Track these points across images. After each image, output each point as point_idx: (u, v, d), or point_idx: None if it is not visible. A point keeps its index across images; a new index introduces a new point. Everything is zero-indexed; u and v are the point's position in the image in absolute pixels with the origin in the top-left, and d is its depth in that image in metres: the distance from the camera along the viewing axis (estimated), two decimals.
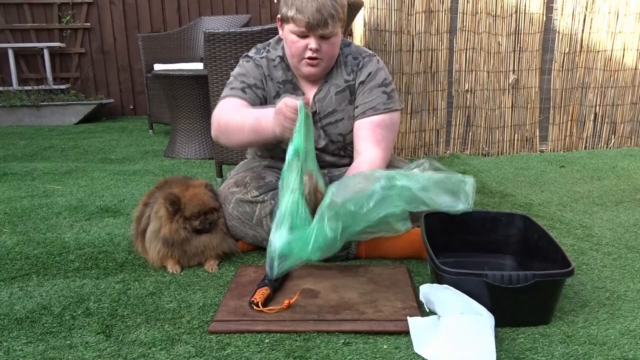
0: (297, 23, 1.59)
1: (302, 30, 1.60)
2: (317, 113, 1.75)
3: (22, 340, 1.22)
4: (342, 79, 1.76)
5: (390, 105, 1.73)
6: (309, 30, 1.60)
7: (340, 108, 1.76)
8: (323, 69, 1.71)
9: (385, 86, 1.75)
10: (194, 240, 1.62)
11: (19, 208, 2.24)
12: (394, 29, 3.15)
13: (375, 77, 1.75)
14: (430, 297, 1.30)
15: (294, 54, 1.67)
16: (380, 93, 1.73)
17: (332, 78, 1.76)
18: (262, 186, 1.70)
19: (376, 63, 1.77)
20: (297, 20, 1.59)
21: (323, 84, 1.76)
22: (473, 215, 1.67)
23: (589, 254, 1.73)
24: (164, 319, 1.31)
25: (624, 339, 1.21)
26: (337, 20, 1.60)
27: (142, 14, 5.55)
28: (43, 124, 4.92)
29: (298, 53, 1.65)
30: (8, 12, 5.34)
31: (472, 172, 2.91)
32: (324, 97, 1.76)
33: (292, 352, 1.15)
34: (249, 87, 1.74)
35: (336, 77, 1.76)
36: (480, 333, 1.12)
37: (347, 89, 1.76)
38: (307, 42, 1.63)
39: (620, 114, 3.54)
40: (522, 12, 3.28)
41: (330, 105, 1.76)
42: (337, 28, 1.63)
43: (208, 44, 2.33)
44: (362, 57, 1.77)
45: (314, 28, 1.59)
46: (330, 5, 1.58)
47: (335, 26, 1.61)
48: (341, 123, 1.76)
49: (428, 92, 3.34)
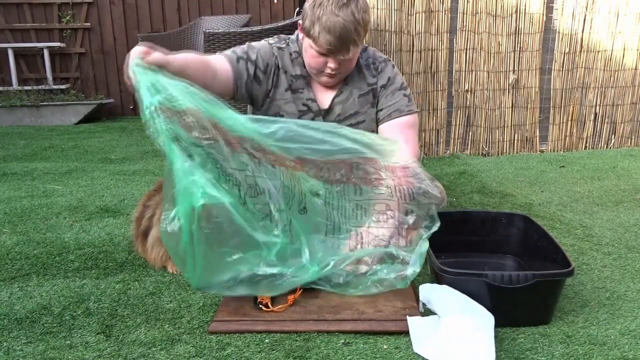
0: (318, 45, 1.57)
1: (323, 52, 1.58)
2: (338, 115, 1.75)
3: (22, 340, 1.22)
4: (365, 82, 1.75)
5: (412, 107, 1.76)
6: (330, 55, 1.58)
7: (363, 110, 1.76)
8: (340, 80, 1.71)
9: (404, 89, 1.77)
10: None
11: (19, 208, 2.24)
12: (394, 29, 3.15)
13: (394, 81, 1.76)
14: (430, 297, 1.30)
15: (312, 66, 1.66)
16: (401, 96, 1.75)
17: (354, 81, 1.75)
18: None
19: (392, 68, 1.79)
20: (318, 42, 1.56)
21: (344, 86, 1.75)
22: (473, 215, 1.67)
23: (589, 254, 1.73)
24: (164, 319, 1.31)
25: (624, 339, 1.21)
26: (358, 44, 1.59)
27: (142, 14, 5.55)
28: (43, 124, 4.92)
29: (317, 67, 1.64)
30: (8, 12, 5.34)
31: (472, 172, 2.92)
32: (346, 99, 1.74)
33: (292, 352, 1.15)
34: (248, 60, 1.70)
35: (359, 80, 1.75)
36: (479, 333, 1.12)
37: (370, 92, 1.76)
38: (326, 60, 1.61)
39: (620, 114, 3.54)
40: (522, 12, 3.28)
41: (352, 107, 1.75)
42: (359, 46, 1.63)
43: (208, 44, 2.34)
44: (379, 62, 1.78)
45: (334, 53, 1.57)
46: (354, 30, 1.54)
47: (356, 49, 1.60)
48: (362, 125, 1.76)
49: (428, 92, 3.34)
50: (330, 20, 1.52)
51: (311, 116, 1.74)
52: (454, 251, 1.58)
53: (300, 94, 1.73)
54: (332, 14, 1.53)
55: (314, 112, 1.74)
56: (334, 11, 1.53)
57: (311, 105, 1.74)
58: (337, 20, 1.52)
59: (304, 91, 1.73)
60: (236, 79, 1.68)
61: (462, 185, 2.64)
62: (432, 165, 3.12)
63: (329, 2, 1.54)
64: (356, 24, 1.54)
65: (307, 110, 1.74)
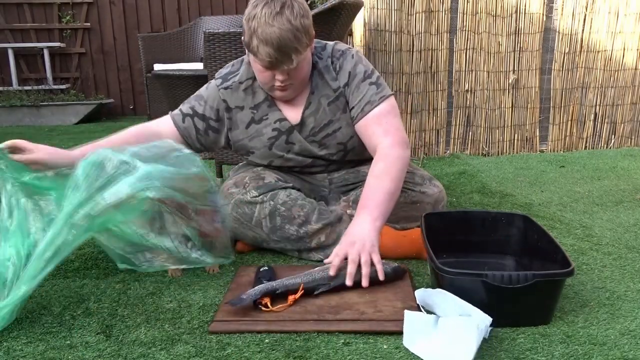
0: (259, 58, 1.50)
1: (266, 66, 1.52)
2: (312, 128, 1.71)
3: (22, 340, 1.22)
4: (329, 88, 1.68)
5: (383, 93, 1.66)
6: (272, 68, 1.52)
7: (336, 117, 1.70)
8: (296, 90, 1.64)
9: (369, 77, 1.68)
10: None
11: None
12: (394, 29, 3.15)
13: (355, 72, 1.67)
14: (427, 301, 1.30)
15: (262, 82, 1.61)
16: (368, 86, 1.66)
17: (319, 89, 1.68)
18: (261, 186, 1.69)
19: (351, 58, 1.68)
20: (259, 56, 1.49)
21: (310, 96, 1.68)
22: (473, 215, 1.67)
23: (589, 254, 1.73)
24: (164, 319, 1.31)
25: (624, 339, 1.21)
26: (301, 51, 1.50)
27: (142, 14, 5.55)
28: (43, 124, 4.93)
29: (265, 82, 1.59)
30: (8, 12, 5.35)
31: (472, 172, 2.92)
32: (316, 109, 1.69)
33: (292, 352, 1.15)
34: (194, 116, 1.71)
35: (323, 87, 1.68)
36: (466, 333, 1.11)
37: (338, 97, 1.69)
38: (273, 74, 1.55)
39: (620, 114, 3.54)
40: (522, 12, 3.28)
41: (324, 117, 1.70)
42: (304, 54, 1.53)
43: (208, 44, 2.33)
44: (337, 59, 1.68)
45: (276, 66, 1.50)
46: (293, 37, 1.46)
47: (300, 57, 1.51)
48: (339, 132, 1.72)
49: (428, 92, 3.34)
50: (266, 31, 1.45)
51: (284, 138, 1.71)
52: (454, 251, 1.58)
53: (266, 120, 1.70)
54: (266, 25, 1.45)
55: (285, 131, 1.71)
56: (268, 21, 1.45)
57: (280, 125, 1.70)
58: (272, 30, 1.45)
59: (269, 115, 1.70)
60: (184, 137, 1.71)
61: (462, 185, 2.64)
62: (432, 165, 3.12)
63: (262, 12, 1.46)
64: (294, 31, 1.46)
65: (278, 134, 1.71)
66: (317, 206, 1.69)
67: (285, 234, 1.66)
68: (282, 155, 1.75)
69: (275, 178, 1.73)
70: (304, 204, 1.66)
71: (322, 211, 1.68)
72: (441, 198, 1.81)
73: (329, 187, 1.84)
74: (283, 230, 1.65)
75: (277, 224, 1.65)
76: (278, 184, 1.70)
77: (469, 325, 1.12)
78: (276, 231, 1.66)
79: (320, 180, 1.83)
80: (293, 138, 1.72)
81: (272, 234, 1.67)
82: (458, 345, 1.10)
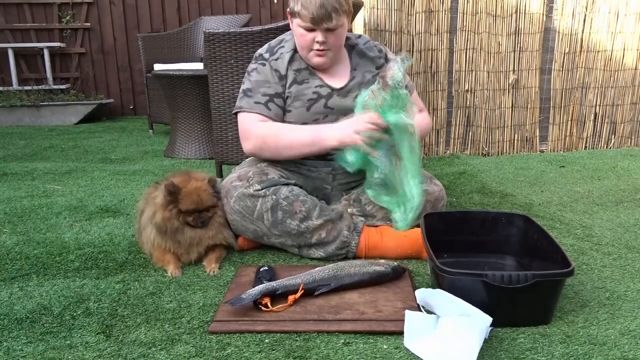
0: (302, 18, 1.69)
1: (308, 25, 1.69)
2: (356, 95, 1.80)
3: (22, 340, 1.22)
4: (372, 64, 1.89)
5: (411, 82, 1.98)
6: (315, 25, 1.68)
7: None
8: (331, 58, 1.79)
9: None
10: (188, 231, 1.63)
11: (19, 208, 2.24)
12: (394, 29, 3.15)
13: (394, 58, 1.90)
14: (427, 301, 1.30)
15: (303, 46, 1.76)
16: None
17: (361, 66, 1.88)
18: (264, 181, 1.70)
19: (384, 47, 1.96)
20: (303, 15, 1.68)
21: (352, 72, 1.86)
22: (473, 215, 1.67)
23: (589, 254, 1.73)
24: (164, 319, 1.31)
25: (624, 339, 1.21)
26: (340, 13, 1.69)
27: (142, 14, 5.55)
28: (43, 124, 4.93)
29: (306, 45, 1.75)
30: (8, 12, 5.35)
31: (472, 172, 2.92)
32: (361, 81, 1.85)
33: (292, 352, 1.15)
34: (272, 99, 1.79)
35: (364, 64, 1.88)
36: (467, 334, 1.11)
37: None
38: (314, 35, 1.72)
39: (620, 114, 3.54)
40: (522, 12, 3.28)
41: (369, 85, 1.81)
42: (342, 20, 1.71)
43: (208, 44, 2.33)
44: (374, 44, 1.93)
45: (318, 22, 1.67)
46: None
47: (339, 19, 1.69)
48: None
49: (428, 92, 3.34)
50: None
51: (323, 102, 1.79)
52: (454, 251, 1.58)
53: (307, 83, 1.80)
54: None
55: (324, 96, 1.80)
56: None
57: (320, 90, 1.80)
58: None
59: (310, 80, 1.81)
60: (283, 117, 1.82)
61: (462, 185, 2.64)
62: (432, 165, 3.12)
63: None
64: None
65: (316, 98, 1.80)
66: (319, 203, 1.70)
67: (287, 229, 1.66)
68: (317, 119, 1.80)
69: (279, 175, 1.75)
70: (305, 199, 1.68)
71: (323, 207, 1.69)
72: (441, 197, 1.82)
73: (332, 184, 1.85)
74: (284, 224, 1.66)
75: (279, 218, 1.66)
76: (281, 180, 1.72)
77: (469, 326, 1.12)
78: (277, 225, 1.67)
79: (324, 174, 1.84)
80: (332, 103, 1.80)
81: (273, 228, 1.67)
82: (458, 345, 1.10)
